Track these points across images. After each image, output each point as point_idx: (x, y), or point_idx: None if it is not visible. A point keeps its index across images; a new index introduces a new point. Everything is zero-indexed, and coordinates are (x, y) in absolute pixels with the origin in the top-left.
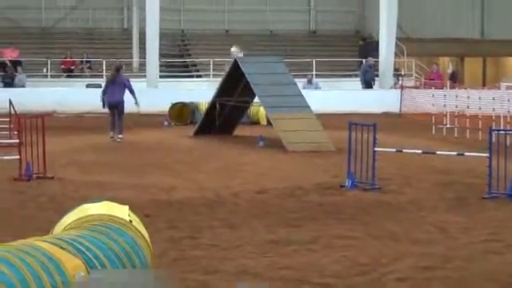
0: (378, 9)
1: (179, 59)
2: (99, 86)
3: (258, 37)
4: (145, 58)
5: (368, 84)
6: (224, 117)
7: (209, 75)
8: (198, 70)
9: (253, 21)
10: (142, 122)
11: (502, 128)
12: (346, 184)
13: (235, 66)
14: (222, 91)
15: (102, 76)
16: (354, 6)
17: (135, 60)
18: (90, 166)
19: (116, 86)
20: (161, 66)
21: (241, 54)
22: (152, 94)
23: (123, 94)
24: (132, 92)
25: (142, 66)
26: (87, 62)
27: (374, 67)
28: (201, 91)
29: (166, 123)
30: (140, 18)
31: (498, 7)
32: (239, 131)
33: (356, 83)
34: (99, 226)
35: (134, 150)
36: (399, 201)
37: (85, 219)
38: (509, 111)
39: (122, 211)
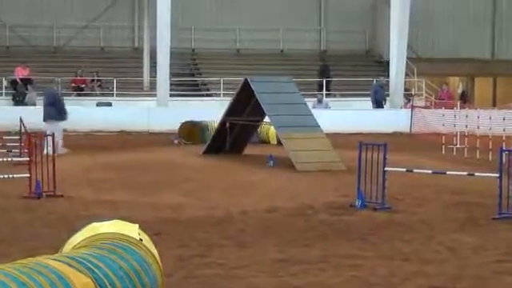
0: (389, 28)
1: (190, 78)
2: (109, 105)
3: (269, 56)
4: (155, 77)
5: (378, 104)
6: (234, 136)
7: (219, 94)
8: (208, 89)
9: (264, 40)
10: (152, 140)
11: None
12: (356, 204)
13: (245, 85)
14: (232, 110)
15: (112, 94)
16: (364, 25)
17: (146, 79)
18: (100, 185)
19: None
20: (171, 84)
21: None
22: (162, 112)
23: None
24: None
25: (153, 85)
26: (98, 80)
27: (385, 87)
28: (211, 110)
29: (175, 142)
30: (151, 36)
31: (509, 27)
32: (249, 150)
33: (366, 103)
34: (109, 244)
35: (143, 169)
36: (409, 221)
37: (95, 238)
38: None
39: (132, 230)
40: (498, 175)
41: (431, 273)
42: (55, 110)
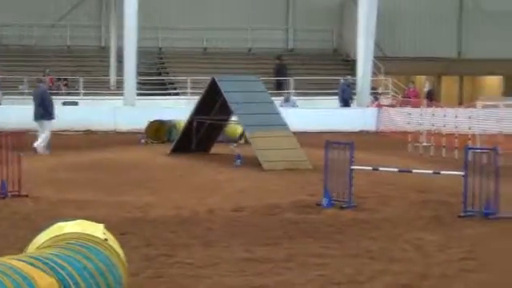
0: (356, 28)
1: (157, 77)
2: (76, 104)
3: (237, 55)
4: (122, 76)
5: (346, 102)
6: (201, 135)
7: (186, 93)
8: (175, 88)
9: (231, 39)
10: (119, 139)
11: (477, 146)
12: (323, 202)
13: (213, 84)
14: (200, 109)
15: (78, 94)
16: (332, 24)
17: (112, 78)
18: (66, 185)
19: None
20: (138, 83)
21: None
22: (129, 112)
23: None
24: None
25: (120, 84)
26: (64, 79)
27: (352, 86)
28: (178, 109)
29: (142, 141)
30: (118, 35)
31: (475, 26)
32: (216, 149)
33: (334, 101)
34: (74, 244)
35: (110, 168)
36: (375, 219)
37: (59, 237)
38: (485, 130)
39: (97, 229)
40: (463, 173)
41: (397, 271)
42: (43, 110)
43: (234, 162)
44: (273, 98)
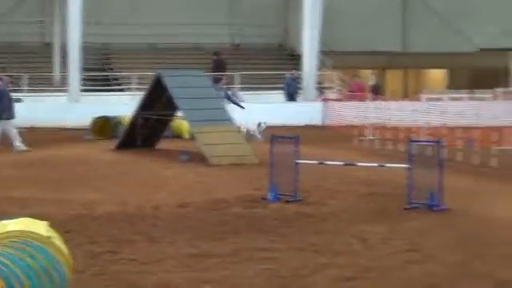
0: (301, 22)
1: (102, 73)
2: (19, 101)
3: (183, 50)
4: (67, 73)
5: (291, 97)
6: (147, 130)
7: (132, 89)
8: (120, 84)
9: (177, 34)
10: (63, 136)
11: (421, 139)
12: (269, 197)
13: (158, 80)
14: (145, 105)
15: (22, 90)
16: (277, 19)
17: (57, 74)
18: (10, 182)
19: None
20: (83, 80)
21: None
22: (74, 108)
23: None
24: None
25: (64, 80)
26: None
27: (298, 80)
28: (124, 105)
29: (87, 137)
30: (62, 31)
31: (419, 20)
32: (162, 145)
33: (279, 96)
34: (17, 242)
35: (55, 165)
36: (321, 212)
37: (2, 236)
38: (429, 122)
39: (41, 227)
40: (408, 166)
41: (342, 264)
42: (1, 108)
43: (180, 157)
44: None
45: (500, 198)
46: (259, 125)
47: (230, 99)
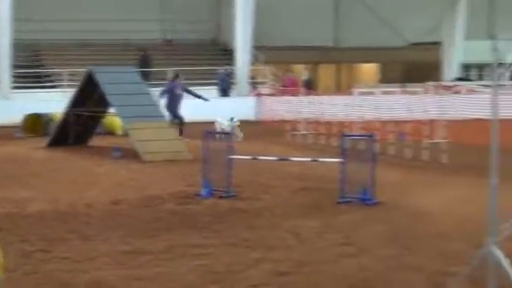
0: (234, 18)
1: (33, 70)
2: None
3: (114, 46)
4: None
5: (225, 92)
6: (79, 127)
7: (64, 86)
8: (52, 81)
9: (108, 30)
10: None
11: (354, 133)
12: (202, 192)
13: (89, 76)
14: (77, 101)
15: None
16: (209, 15)
17: None
18: None
19: None
20: (14, 77)
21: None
22: (4, 105)
23: None
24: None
25: None
26: None
27: (231, 75)
28: (55, 102)
29: (18, 135)
30: None
31: (351, 16)
32: (94, 142)
33: (213, 91)
34: None
35: None
36: (255, 207)
37: None
38: (361, 117)
39: None
40: (341, 160)
41: (276, 259)
42: None
43: (113, 154)
44: (151, 90)
45: (430, 191)
46: (232, 120)
47: (190, 93)
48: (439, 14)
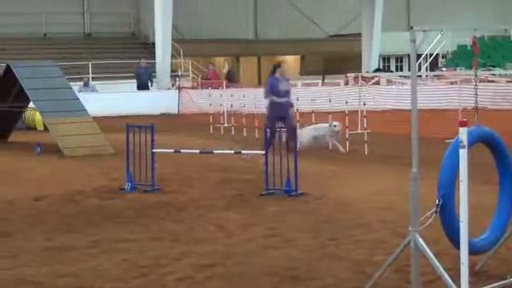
0: (153, 10)
1: None
2: None
3: (32, 40)
4: None
5: (144, 86)
6: None
7: None
8: None
9: (26, 24)
10: None
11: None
12: (126, 187)
13: (8, 71)
14: None
15: None
16: (128, 8)
17: None
18: None
19: None
20: None
21: None
22: None
23: None
24: None
25: None
26: None
27: (149, 69)
28: None
29: None
30: None
31: (270, 9)
32: (15, 137)
33: (133, 85)
34: None
35: None
36: (179, 201)
37: None
38: None
39: None
40: (263, 152)
41: (201, 252)
42: None
43: (34, 149)
44: (71, 84)
45: (353, 182)
46: (334, 125)
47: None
48: (358, 6)
